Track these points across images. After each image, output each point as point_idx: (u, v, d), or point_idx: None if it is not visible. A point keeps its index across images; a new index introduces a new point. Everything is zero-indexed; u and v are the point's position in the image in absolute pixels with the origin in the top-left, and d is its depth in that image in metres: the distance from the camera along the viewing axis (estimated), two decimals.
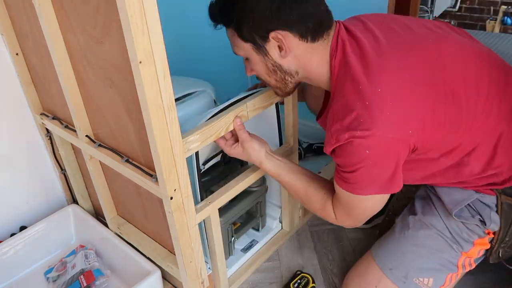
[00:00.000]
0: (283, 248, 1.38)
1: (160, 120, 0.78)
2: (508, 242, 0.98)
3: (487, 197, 0.97)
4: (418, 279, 1.00)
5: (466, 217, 0.98)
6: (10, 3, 1.09)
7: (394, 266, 1.02)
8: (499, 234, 0.97)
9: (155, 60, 0.73)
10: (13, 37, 1.16)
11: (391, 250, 1.05)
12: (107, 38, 0.80)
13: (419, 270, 1.01)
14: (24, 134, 1.31)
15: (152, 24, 0.70)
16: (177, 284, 1.21)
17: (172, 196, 0.87)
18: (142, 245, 1.16)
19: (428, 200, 1.07)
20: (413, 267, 1.01)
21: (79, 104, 1.04)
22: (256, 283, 1.27)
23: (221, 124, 0.96)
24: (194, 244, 0.98)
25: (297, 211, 1.40)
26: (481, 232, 0.98)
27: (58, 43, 0.95)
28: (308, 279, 1.24)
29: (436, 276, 1.00)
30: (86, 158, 1.14)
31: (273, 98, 1.09)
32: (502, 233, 0.97)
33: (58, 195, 1.46)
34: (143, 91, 0.74)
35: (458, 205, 0.97)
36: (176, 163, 0.85)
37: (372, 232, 1.42)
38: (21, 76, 1.22)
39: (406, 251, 1.03)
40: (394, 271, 1.01)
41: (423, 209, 1.07)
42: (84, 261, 1.23)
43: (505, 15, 3.58)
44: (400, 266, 1.02)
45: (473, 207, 0.98)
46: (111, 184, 1.20)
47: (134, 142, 0.93)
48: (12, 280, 1.26)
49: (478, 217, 0.97)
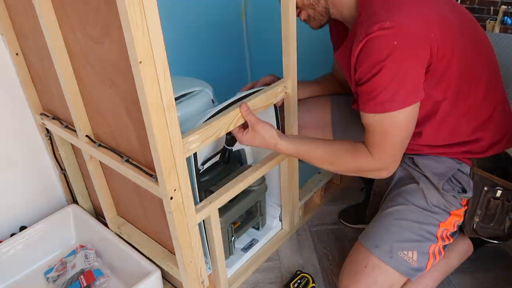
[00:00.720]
0: (283, 248, 1.38)
1: (160, 120, 0.78)
2: (480, 215, 1.02)
3: (464, 165, 1.03)
4: (403, 252, 1.01)
5: (447, 189, 1.02)
6: (10, 3, 1.09)
7: (379, 243, 1.03)
8: (469, 205, 1.02)
9: (155, 60, 0.73)
10: (13, 37, 1.16)
11: (374, 229, 1.08)
12: (107, 38, 0.81)
13: (402, 243, 1.02)
14: (24, 134, 1.31)
15: (152, 24, 0.70)
16: (177, 284, 1.21)
17: (172, 196, 0.87)
18: (142, 245, 1.16)
19: (407, 178, 1.10)
20: (396, 240, 1.02)
21: (79, 104, 1.04)
22: (256, 283, 1.27)
23: (221, 124, 0.96)
24: (194, 244, 0.98)
25: (297, 211, 1.40)
26: (457, 203, 1.03)
27: (58, 43, 0.95)
28: (308, 279, 1.24)
29: (419, 249, 1.02)
30: (86, 158, 1.14)
31: (273, 98, 1.09)
32: (472, 204, 1.02)
33: (58, 195, 1.46)
34: (143, 91, 0.74)
35: (443, 178, 1.02)
36: (176, 163, 0.85)
37: None
38: (21, 76, 1.22)
39: (389, 226, 1.05)
40: (380, 248, 1.02)
41: (401, 187, 1.10)
42: (84, 261, 1.23)
43: (505, 15, 3.58)
44: (384, 241, 1.03)
45: (453, 178, 1.03)
46: (111, 184, 1.20)
47: (134, 142, 0.93)
48: (12, 280, 1.26)
49: (458, 187, 1.02)
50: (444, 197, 1.03)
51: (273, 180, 1.34)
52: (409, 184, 1.09)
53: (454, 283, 1.21)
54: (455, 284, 1.21)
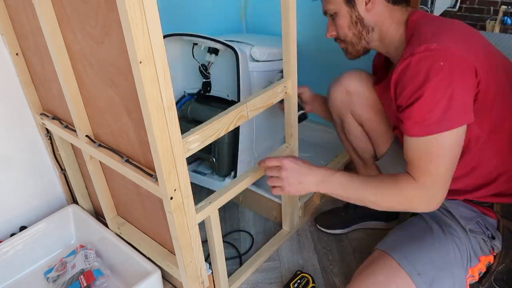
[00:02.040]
0: (283, 248, 1.38)
1: (160, 120, 0.78)
2: (503, 269, 0.98)
3: (489, 219, 0.99)
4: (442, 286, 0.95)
5: (478, 232, 0.98)
6: (10, 3, 1.09)
7: (422, 271, 0.93)
8: (499, 258, 0.97)
9: (155, 60, 0.73)
10: (13, 37, 1.16)
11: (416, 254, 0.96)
12: (107, 38, 0.80)
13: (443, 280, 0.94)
14: (24, 134, 1.31)
15: (152, 24, 0.70)
16: (177, 284, 1.21)
17: (172, 196, 0.87)
18: (142, 245, 1.16)
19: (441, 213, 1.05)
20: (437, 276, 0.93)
21: (79, 104, 1.04)
22: (256, 283, 1.27)
23: (221, 124, 0.96)
24: (194, 244, 0.98)
25: (297, 211, 1.41)
26: (487, 250, 0.98)
27: (58, 43, 0.95)
28: (308, 279, 1.24)
29: None
30: (86, 158, 1.14)
31: (273, 98, 1.09)
32: (502, 258, 0.97)
33: (58, 195, 1.46)
34: (143, 91, 0.74)
35: (470, 221, 0.98)
36: (176, 163, 0.85)
37: (372, 232, 1.42)
38: (21, 76, 1.22)
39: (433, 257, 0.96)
40: (422, 277, 0.92)
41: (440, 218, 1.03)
42: (84, 261, 1.23)
43: (505, 15, 3.58)
44: (427, 272, 0.93)
45: (481, 223, 0.99)
46: (111, 184, 1.20)
47: (134, 142, 0.93)
48: (12, 280, 1.26)
49: (488, 232, 0.98)
50: (477, 239, 0.98)
51: None
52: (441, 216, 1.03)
53: None
54: None
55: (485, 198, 0.99)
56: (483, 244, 0.98)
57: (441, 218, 1.03)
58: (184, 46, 1.44)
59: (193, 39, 1.36)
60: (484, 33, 3.27)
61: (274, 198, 1.43)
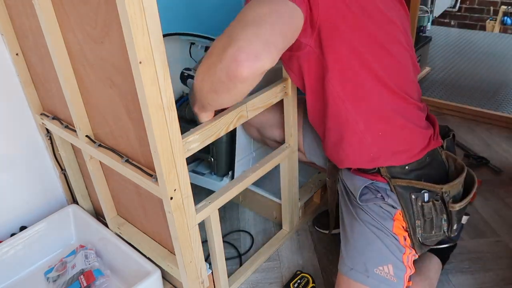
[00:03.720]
0: (283, 248, 1.38)
1: (160, 120, 0.78)
2: (421, 225, 1.00)
3: (379, 183, 1.02)
4: (378, 268, 0.99)
5: (370, 198, 1.01)
6: (10, 3, 1.10)
7: (353, 264, 1.01)
8: (407, 217, 1.00)
9: (155, 60, 0.73)
10: (13, 37, 1.16)
11: (345, 252, 1.05)
12: (107, 38, 0.81)
13: (374, 260, 1.00)
14: (24, 134, 1.31)
15: (152, 24, 0.70)
16: (177, 284, 1.21)
17: (172, 196, 0.87)
18: (142, 245, 1.16)
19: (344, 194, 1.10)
20: (368, 259, 1.00)
21: (79, 104, 1.04)
22: (256, 283, 1.27)
23: (221, 124, 0.96)
24: (194, 244, 0.98)
25: (297, 211, 1.41)
26: (390, 208, 1.01)
27: (58, 43, 0.95)
28: (308, 279, 1.24)
29: (393, 262, 1.00)
30: (86, 158, 1.14)
31: (273, 98, 1.09)
32: (408, 215, 0.99)
33: (58, 195, 1.46)
34: (143, 91, 0.74)
35: (358, 189, 1.01)
36: (176, 163, 0.85)
37: None
38: (21, 76, 1.22)
39: (355, 247, 1.03)
40: (355, 270, 1.00)
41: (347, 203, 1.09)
42: (84, 261, 1.23)
43: (505, 15, 3.58)
44: (357, 262, 1.01)
45: (372, 188, 1.03)
46: (111, 184, 1.20)
47: (134, 142, 0.93)
48: (12, 280, 1.26)
49: (379, 194, 1.01)
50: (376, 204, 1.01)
51: None
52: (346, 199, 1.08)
53: (454, 283, 1.21)
54: (455, 284, 1.21)
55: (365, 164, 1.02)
56: (385, 205, 1.01)
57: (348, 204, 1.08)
58: (181, 45, 1.44)
59: (190, 39, 1.36)
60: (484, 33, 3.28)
61: (274, 198, 1.43)
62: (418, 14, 2.20)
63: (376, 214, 1.01)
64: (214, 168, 1.43)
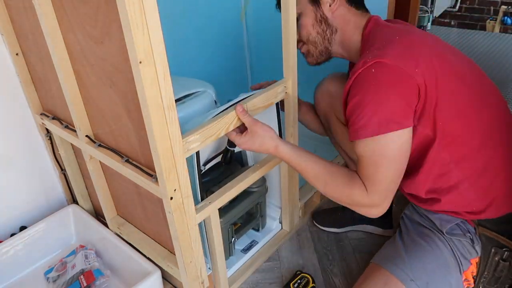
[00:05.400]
0: (283, 248, 1.38)
1: (160, 120, 0.78)
2: (487, 277, 0.99)
3: (468, 225, 1.00)
4: None
5: (458, 234, 0.99)
6: (10, 3, 1.10)
7: (414, 277, 0.97)
8: (479, 267, 0.98)
9: (155, 60, 0.73)
10: (13, 37, 1.16)
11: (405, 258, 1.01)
12: (107, 38, 0.81)
13: (437, 285, 0.97)
14: (24, 134, 1.31)
15: (152, 24, 0.70)
16: (177, 284, 1.21)
17: (172, 196, 0.87)
18: (142, 245, 1.16)
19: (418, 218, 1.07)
20: (431, 281, 0.97)
21: (79, 104, 1.04)
22: (256, 283, 1.27)
23: (221, 124, 0.96)
24: (194, 244, 0.98)
25: (297, 211, 1.40)
26: (473, 251, 0.99)
27: (58, 43, 0.95)
28: (308, 279, 1.24)
29: None
30: (86, 158, 1.14)
31: (273, 98, 1.09)
32: (482, 265, 0.98)
33: (58, 195, 1.46)
34: (143, 91, 0.74)
35: (448, 223, 0.99)
36: (176, 163, 0.85)
37: (372, 233, 1.42)
38: (21, 76, 1.22)
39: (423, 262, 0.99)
40: (415, 283, 0.96)
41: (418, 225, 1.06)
42: (84, 261, 1.23)
43: (505, 15, 3.58)
44: (420, 277, 0.96)
45: (462, 226, 1.00)
46: (111, 184, 1.20)
47: (134, 142, 0.93)
48: (12, 280, 1.26)
49: (468, 235, 0.99)
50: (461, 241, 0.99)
51: (274, 182, 1.34)
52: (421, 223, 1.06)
53: None
54: None
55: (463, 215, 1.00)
56: (470, 247, 0.99)
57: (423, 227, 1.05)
58: None
59: None
60: (484, 33, 3.28)
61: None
62: (418, 14, 2.20)
63: (457, 249, 0.99)
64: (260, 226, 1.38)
